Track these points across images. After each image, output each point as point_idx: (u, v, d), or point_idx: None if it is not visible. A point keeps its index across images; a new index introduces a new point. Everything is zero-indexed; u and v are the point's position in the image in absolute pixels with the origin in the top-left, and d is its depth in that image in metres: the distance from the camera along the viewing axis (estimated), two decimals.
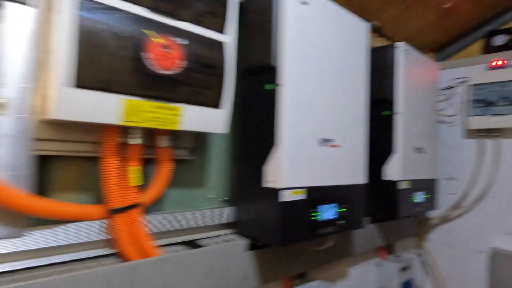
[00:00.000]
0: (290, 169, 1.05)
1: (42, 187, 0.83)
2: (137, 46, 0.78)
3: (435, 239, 2.27)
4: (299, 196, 1.09)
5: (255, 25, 1.12)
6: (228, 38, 0.97)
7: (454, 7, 1.93)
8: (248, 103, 1.14)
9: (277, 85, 1.03)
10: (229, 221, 1.21)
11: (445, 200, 2.22)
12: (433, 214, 2.24)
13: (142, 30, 0.79)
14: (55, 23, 0.73)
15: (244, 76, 1.14)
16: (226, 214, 1.20)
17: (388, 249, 2.04)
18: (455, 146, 2.20)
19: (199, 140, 1.15)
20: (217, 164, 1.22)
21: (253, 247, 1.17)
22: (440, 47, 2.38)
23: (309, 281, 1.45)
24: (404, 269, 1.88)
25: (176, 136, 1.03)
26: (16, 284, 0.69)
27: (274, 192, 1.03)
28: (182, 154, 1.08)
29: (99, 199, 0.93)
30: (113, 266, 0.84)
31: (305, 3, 1.11)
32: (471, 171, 2.12)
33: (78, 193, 0.90)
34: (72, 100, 0.71)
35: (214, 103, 0.95)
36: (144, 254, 0.92)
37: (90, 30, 0.72)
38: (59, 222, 0.83)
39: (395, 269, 1.82)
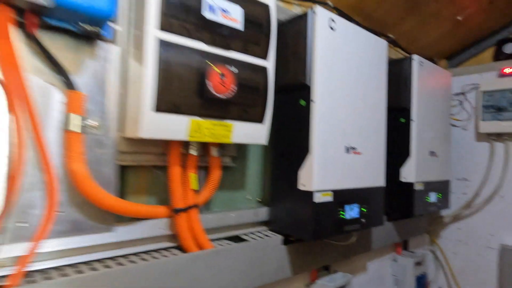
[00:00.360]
0: (321, 174, 1.22)
1: (121, 191, 1.01)
2: (201, 76, 0.96)
3: (448, 236, 2.41)
4: (328, 197, 1.25)
5: (290, 47, 1.28)
6: (270, 63, 1.13)
7: (466, 18, 2.06)
8: (284, 117, 1.31)
9: (311, 101, 1.20)
10: (265, 219, 1.38)
11: (457, 199, 2.36)
12: (446, 212, 2.38)
13: (205, 61, 0.96)
14: (140, 59, 0.90)
15: (280, 92, 1.30)
16: (262, 213, 1.37)
17: (404, 245, 2.19)
18: (467, 149, 2.34)
19: (240, 149, 1.32)
20: (254, 170, 1.39)
21: (286, 242, 1.33)
22: (453, 55, 2.50)
23: (332, 273, 1.61)
24: (418, 263, 2.02)
25: (223, 146, 1.20)
26: (108, 269, 0.87)
27: (308, 194, 1.20)
28: (227, 161, 1.26)
29: (162, 201, 1.11)
30: (179, 256, 1.02)
31: (333, 28, 1.26)
32: (482, 172, 2.25)
33: (148, 196, 1.08)
34: (154, 122, 0.89)
35: (258, 119, 1.12)
36: (201, 247, 1.10)
37: (167, 64, 0.90)
38: (135, 219, 1.01)
39: (410, 263, 1.97)
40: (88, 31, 0.81)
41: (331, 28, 1.26)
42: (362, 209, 1.38)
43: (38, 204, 0.83)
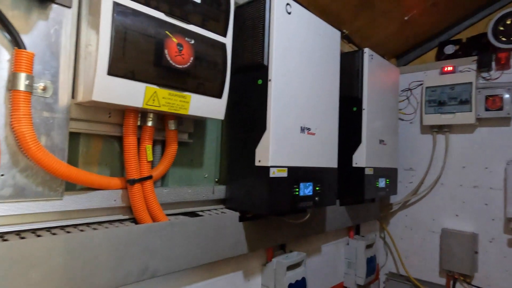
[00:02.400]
0: (276, 150, 1.26)
1: (73, 159, 0.98)
2: (158, 44, 0.96)
3: (396, 222, 2.58)
4: (283, 173, 1.30)
5: (249, 29, 1.32)
6: (228, 40, 1.16)
7: (412, 19, 2.23)
8: (242, 95, 1.34)
9: (268, 80, 1.24)
10: (222, 197, 1.40)
11: (405, 188, 2.53)
12: (395, 200, 2.55)
13: (164, 31, 0.97)
14: (95, 23, 0.89)
15: (238, 72, 1.34)
16: (220, 191, 1.39)
17: (356, 230, 2.31)
18: (413, 141, 2.52)
19: (197, 126, 1.33)
20: (211, 148, 1.41)
21: (242, 219, 1.36)
22: (401, 54, 2.69)
23: (288, 252, 1.66)
24: (368, 246, 2.14)
25: (179, 121, 1.21)
26: (57, 236, 0.85)
27: (264, 169, 1.24)
28: (184, 138, 1.27)
29: (115, 173, 1.09)
30: (131, 226, 1.01)
31: (289, 12, 1.32)
32: (426, 162, 2.44)
33: (100, 166, 1.06)
34: (108, 85, 0.88)
35: (216, 94, 1.14)
36: (155, 219, 1.10)
37: (123, 29, 0.89)
38: (87, 189, 0.99)
39: (361, 246, 2.08)
40: None
41: (288, 12, 1.32)
42: (316, 187, 1.45)
43: None
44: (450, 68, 2.33)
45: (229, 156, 1.40)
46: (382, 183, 2.02)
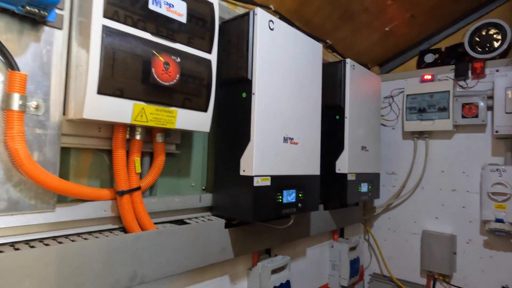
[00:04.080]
0: (260, 160, 1.33)
1: (64, 173, 1.03)
2: (145, 63, 1.02)
3: (380, 225, 2.67)
4: (267, 182, 1.36)
5: (233, 44, 1.38)
6: (213, 56, 1.23)
7: (392, 30, 2.32)
8: (227, 108, 1.40)
9: (252, 94, 1.31)
10: (209, 205, 1.46)
11: (388, 192, 2.62)
12: (378, 203, 2.64)
13: (151, 50, 1.02)
14: (85, 44, 0.94)
15: (223, 85, 1.40)
16: (206, 199, 1.45)
17: (340, 233, 2.39)
18: (396, 146, 2.62)
19: (184, 138, 1.39)
20: (198, 158, 1.47)
21: (228, 225, 1.42)
22: (384, 62, 2.79)
23: (273, 256, 1.73)
24: (352, 249, 2.22)
25: (167, 134, 1.26)
26: (50, 247, 0.90)
27: (248, 178, 1.30)
28: (171, 149, 1.32)
29: (104, 184, 1.15)
30: (121, 236, 1.06)
31: (272, 29, 1.39)
32: (408, 167, 2.54)
33: (90, 179, 1.11)
34: (98, 104, 0.93)
35: (202, 108, 1.20)
36: (144, 228, 1.15)
37: (111, 50, 0.95)
38: (77, 200, 1.04)
39: (345, 248, 2.16)
40: (33, 13, 0.84)
41: (270, 29, 1.39)
42: (299, 194, 1.52)
43: None
44: (429, 77, 2.43)
45: (215, 166, 1.46)
46: (364, 188, 2.10)
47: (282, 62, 1.44)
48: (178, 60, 1.11)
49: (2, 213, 0.87)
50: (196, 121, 1.20)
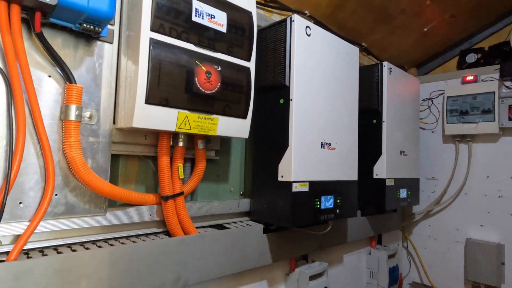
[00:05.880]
0: (298, 166, 1.33)
1: (113, 178, 1.09)
2: (189, 73, 1.06)
3: (419, 232, 2.57)
4: (305, 188, 1.36)
5: (270, 51, 1.40)
6: (252, 64, 1.25)
7: (431, 30, 2.25)
8: (265, 114, 1.42)
9: (289, 100, 1.32)
10: (247, 210, 1.47)
11: (428, 198, 2.52)
12: (417, 210, 2.54)
13: (194, 60, 1.06)
14: (133, 57, 1.00)
15: (260, 92, 1.42)
16: (244, 204, 1.47)
17: (378, 240, 2.33)
18: (435, 150, 2.52)
19: (223, 143, 1.42)
20: (236, 164, 1.49)
21: (266, 230, 1.43)
22: (422, 63, 2.70)
23: (310, 262, 1.72)
24: (391, 256, 2.16)
25: (207, 140, 1.30)
26: (102, 249, 0.95)
27: (286, 184, 1.31)
28: (211, 155, 1.35)
29: (150, 189, 1.19)
30: (166, 239, 1.10)
31: (309, 35, 1.40)
32: (449, 171, 2.43)
33: (136, 184, 1.16)
34: (146, 113, 0.98)
35: (241, 115, 1.22)
36: (186, 232, 1.19)
37: (158, 62, 0.99)
38: (126, 205, 1.09)
39: (383, 256, 2.10)
40: (89, 30, 0.90)
41: (307, 35, 1.39)
42: (336, 200, 1.50)
43: (35, 186, 0.90)
44: (471, 78, 2.32)
45: (253, 171, 1.48)
46: (403, 193, 2.04)
47: (319, 67, 1.44)
48: (219, 69, 1.14)
49: (61, 217, 0.94)
50: (236, 127, 1.23)
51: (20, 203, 0.87)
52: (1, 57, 0.84)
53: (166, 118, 1.03)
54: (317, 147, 1.42)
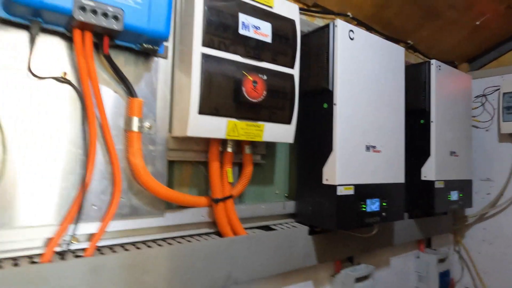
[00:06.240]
0: (343, 169, 1.34)
1: (169, 183, 1.18)
2: (237, 83, 1.12)
3: (473, 236, 2.44)
4: (350, 191, 1.37)
5: (314, 56, 1.43)
6: (295, 71, 1.28)
7: (484, 23, 2.12)
8: (309, 118, 1.45)
9: (333, 104, 1.33)
10: (292, 212, 1.51)
11: (482, 200, 2.39)
12: (470, 212, 2.42)
13: (241, 71, 1.12)
14: (186, 70, 1.08)
15: (304, 97, 1.45)
16: (290, 206, 1.51)
17: (427, 243, 2.25)
18: (490, 150, 2.37)
19: (268, 148, 1.47)
20: (281, 167, 1.54)
21: (311, 232, 1.46)
22: (474, 58, 2.55)
23: (356, 264, 1.72)
24: (441, 260, 2.08)
25: (254, 145, 1.36)
26: (163, 247, 1.04)
27: (331, 187, 1.33)
28: (258, 159, 1.41)
29: (201, 192, 1.28)
30: (219, 239, 1.17)
31: (352, 38, 1.40)
32: (506, 172, 2.28)
33: (189, 187, 1.25)
34: (199, 122, 1.06)
35: (286, 120, 1.27)
36: (236, 233, 1.25)
37: (209, 74, 1.06)
38: (181, 207, 1.18)
39: (433, 260, 2.03)
40: (148, 49, 0.99)
41: (351, 38, 1.40)
42: (382, 203, 1.49)
43: (106, 191, 1.01)
44: None
45: (298, 174, 1.51)
46: (454, 196, 1.96)
47: (363, 70, 1.44)
48: (265, 77, 1.19)
49: (126, 218, 1.05)
50: (281, 133, 1.27)
51: (93, 205, 0.99)
52: (75, 77, 0.96)
53: (216, 127, 1.10)
54: (361, 150, 1.42)
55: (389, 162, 1.54)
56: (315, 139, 1.42)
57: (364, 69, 1.44)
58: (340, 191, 1.33)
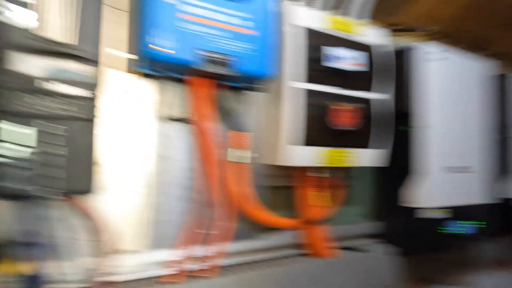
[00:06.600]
0: (429, 191, 1.34)
1: (267, 207, 1.27)
2: (329, 113, 1.17)
3: None
4: (437, 213, 1.36)
5: (398, 78, 1.43)
6: (390, 96, 1.32)
7: None
8: (394, 140, 1.45)
9: (419, 126, 1.34)
10: (377, 232, 1.53)
11: None
12: None
13: (334, 101, 1.18)
14: (280, 104, 1.15)
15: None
16: (373, 227, 1.52)
17: None
18: None
19: (354, 170, 1.50)
20: (365, 188, 1.56)
21: (396, 253, 1.46)
22: None
23: (444, 284, 1.67)
24: None
25: (342, 168, 1.40)
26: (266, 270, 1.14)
27: (416, 210, 1.33)
28: (346, 182, 1.45)
29: (294, 215, 1.34)
30: (316, 260, 1.25)
31: (435, 59, 1.39)
32: None
33: (283, 211, 1.33)
34: (293, 153, 1.13)
35: (379, 146, 1.30)
36: (325, 254, 1.31)
37: (307, 107, 1.13)
38: (274, 229, 1.26)
39: None
40: (254, 88, 1.09)
41: (433, 59, 1.39)
42: (473, 224, 1.45)
43: (219, 218, 1.12)
44: None
45: (381, 196, 1.53)
46: None
47: (449, 90, 1.43)
48: (357, 105, 1.23)
49: (235, 241, 1.14)
50: (371, 157, 1.30)
51: (214, 230, 1.09)
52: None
53: (308, 155, 1.16)
54: (449, 172, 1.40)
55: (479, 182, 1.50)
56: (399, 161, 1.42)
57: (450, 88, 1.44)
58: (426, 214, 1.33)
